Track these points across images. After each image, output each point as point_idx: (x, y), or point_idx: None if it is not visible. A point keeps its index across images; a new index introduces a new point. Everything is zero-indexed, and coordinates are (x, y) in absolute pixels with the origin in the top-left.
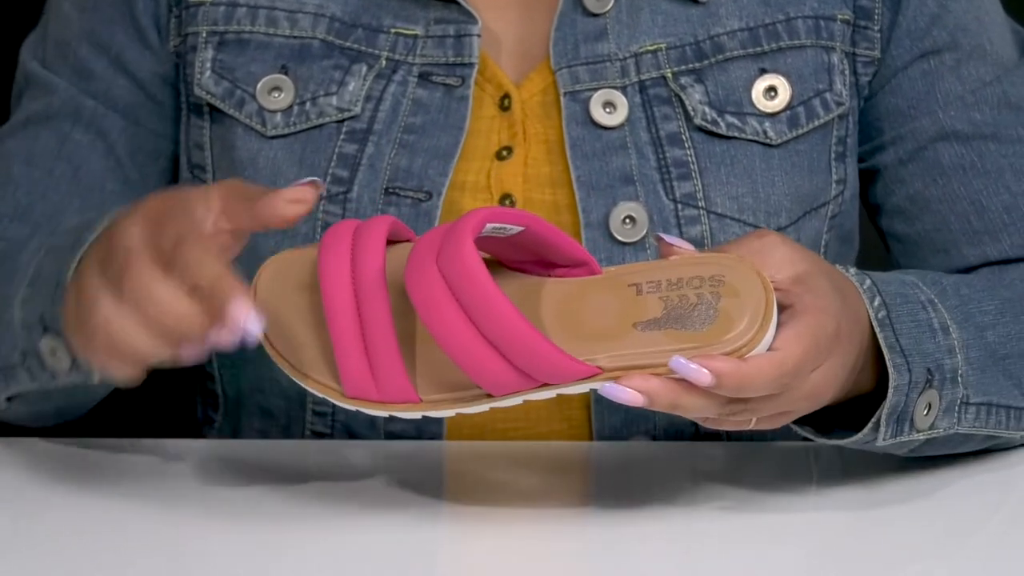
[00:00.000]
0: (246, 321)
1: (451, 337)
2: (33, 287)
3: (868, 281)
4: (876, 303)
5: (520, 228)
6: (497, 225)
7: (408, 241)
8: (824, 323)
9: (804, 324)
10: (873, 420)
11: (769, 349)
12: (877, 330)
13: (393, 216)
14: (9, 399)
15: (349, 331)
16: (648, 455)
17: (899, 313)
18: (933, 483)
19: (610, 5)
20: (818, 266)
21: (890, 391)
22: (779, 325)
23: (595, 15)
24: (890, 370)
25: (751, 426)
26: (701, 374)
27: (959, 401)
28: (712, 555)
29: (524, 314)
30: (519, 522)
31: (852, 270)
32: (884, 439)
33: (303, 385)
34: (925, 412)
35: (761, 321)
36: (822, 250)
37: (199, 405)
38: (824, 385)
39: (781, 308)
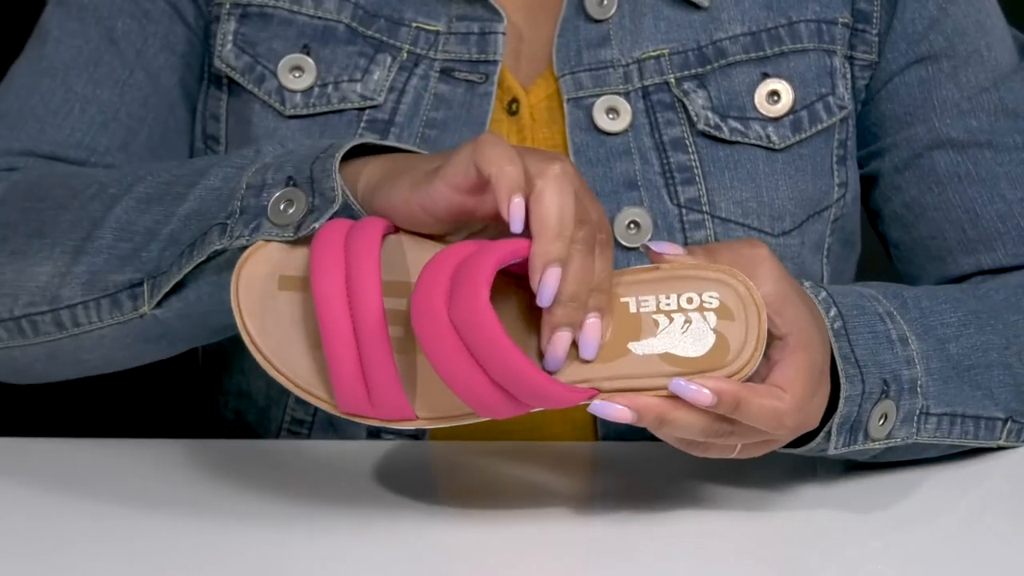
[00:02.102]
0: None
1: (459, 380)
2: (280, 157)
3: (823, 293)
4: (832, 314)
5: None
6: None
7: (398, 231)
8: (814, 359)
9: (801, 363)
10: (824, 430)
11: (765, 381)
12: (832, 341)
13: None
14: (159, 304)
15: (346, 354)
16: (651, 454)
17: (855, 324)
18: (936, 481)
19: (613, 11)
20: (794, 288)
21: (841, 401)
22: (773, 359)
23: (598, 21)
24: (842, 380)
25: (735, 454)
26: (701, 393)
27: (918, 411)
28: (718, 554)
29: (519, 328)
30: (522, 521)
31: (807, 283)
32: (836, 448)
33: (293, 392)
34: (880, 422)
35: (756, 343)
36: (825, 253)
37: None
38: (812, 418)
39: (770, 337)
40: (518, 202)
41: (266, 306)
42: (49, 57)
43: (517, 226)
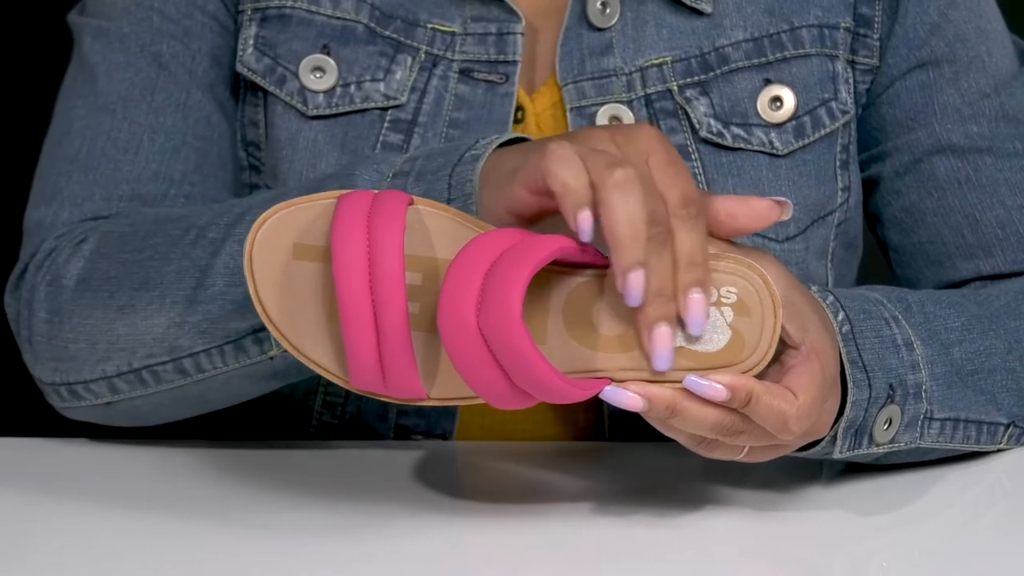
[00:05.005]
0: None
1: (481, 384)
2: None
3: (831, 297)
4: (840, 317)
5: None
6: None
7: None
8: (827, 367)
9: (815, 371)
10: (830, 434)
11: (779, 381)
12: (840, 345)
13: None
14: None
15: (364, 334)
16: (655, 454)
17: (862, 328)
18: (937, 480)
19: (615, 19)
20: (804, 295)
21: (848, 406)
22: (787, 364)
23: (600, 30)
24: (850, 385)
25: (741, 456)
26: (714, 389)
27: (922, 416)
28: (722, 554)
29: (536, 312)
30: (526, 520)
31: (814, 288)
32: (841, 451)
33: (305, 364)
34: (885, 427)
35: (771, 341)
36: (829, 258)
37: None
38: (821, 426)
39: (783, 344)
40: (584, 216)
41: (281, 274)
42: (104, 93)
43: (586, 236)
